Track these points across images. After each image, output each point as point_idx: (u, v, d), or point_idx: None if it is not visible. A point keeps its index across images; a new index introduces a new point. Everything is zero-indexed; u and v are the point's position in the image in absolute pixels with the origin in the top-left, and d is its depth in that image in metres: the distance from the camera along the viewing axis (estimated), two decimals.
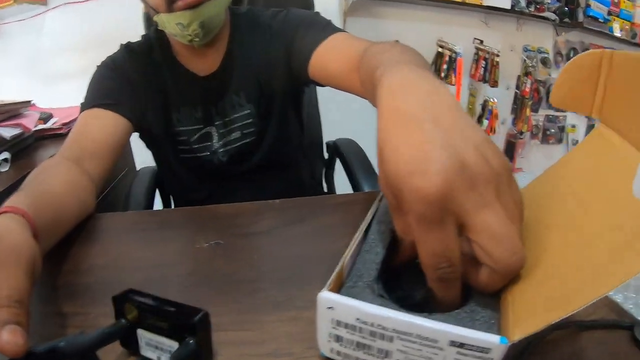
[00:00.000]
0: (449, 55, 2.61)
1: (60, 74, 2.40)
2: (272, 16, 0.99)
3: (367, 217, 0.44)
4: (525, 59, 2.87)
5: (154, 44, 0.99)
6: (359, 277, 0.36)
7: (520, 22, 2.84)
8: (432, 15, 2.64)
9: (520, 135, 2.95)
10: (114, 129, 0.89)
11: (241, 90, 0.98)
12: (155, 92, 0.97)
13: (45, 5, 2.33)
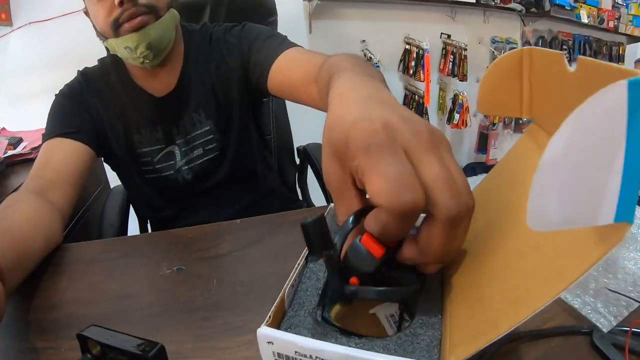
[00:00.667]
0: (416, 52, 2.64)
1: (28, 94, 2.37)
2: (227, 30, 1.00)
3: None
4: (494, 51, 2.92)
5: (110, 68, 1.00)
6: (300, 306, 0.37)
7: (486, 15, 2.89)
8: (398, 13, 2.67)
9: (492, 127, 3.00)
10: (76, 158, 0.89)
11: (200, 108, 0.99)
12: (114, 115, 0.98)
13: (10, 26, 2.30)
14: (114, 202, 1.24)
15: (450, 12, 2.78)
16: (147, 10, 0.85)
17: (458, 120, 2.77)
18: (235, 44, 0.98)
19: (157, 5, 0.87)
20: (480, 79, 0.43)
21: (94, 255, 0.71)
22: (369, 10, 2.59)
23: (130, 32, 0.84)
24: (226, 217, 0.76)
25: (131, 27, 0.84)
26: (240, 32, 0.99)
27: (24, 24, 2.31)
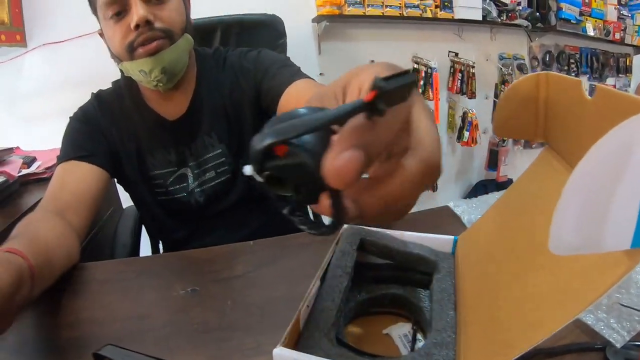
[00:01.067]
0: (425, 71, 2.65)
1: (41, 115, 2.40)
2: (242, 55, 1.01)
3: (323, 263, 0.45)
4: (502, 67, 2.93)
5: (123, 91, 1.01)
6: (315, 327, 0.37)
7: (493, 32, 2.90)
8: (406, 33, 2.69)
9: (502, 143, 2.99)
10: (91, 180, 0.90)
11: (212, 131, 1.00)
12: (127, 138, 0.99)
13: (25, 47, 2.34)
14: (127, 223, 1.26)
15: (458, 31, 2.80)
16: (162, 35, 0.86)
17: (468, 138, 2.77)
18: (250, 69, 0.98)
19: (172, 30, 0.88)
20: (498, 103, 0.44)
21: (108, 275, 0.72)
22: (377, 30, 2.62)
23: (145, 56, 0.85)
24: (239, 239, 0.76)
25: (146, 51, 0.85)
26: (256, 57, 1.00)
27: (38, 45, 2.35)
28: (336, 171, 0.24)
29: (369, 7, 2.44)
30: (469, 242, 0.45)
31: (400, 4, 2.51)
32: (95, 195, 0.90)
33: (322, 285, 0.42)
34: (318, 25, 2.47)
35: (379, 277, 0.47)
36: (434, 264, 0.44)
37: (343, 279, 0.42)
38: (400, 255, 0.46)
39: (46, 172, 1.46)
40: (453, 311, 0.38)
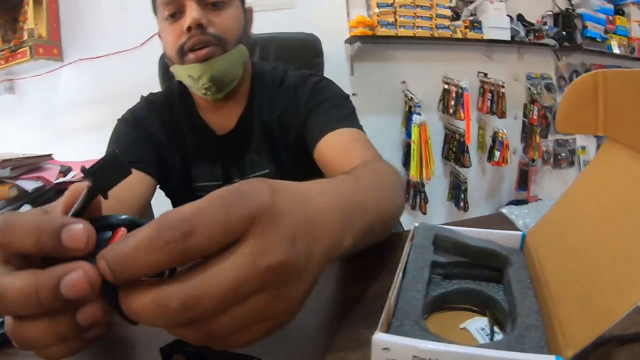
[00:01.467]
0: (455, 91, 2.65)
1: (75, 128, 2.43)
2: (301, 78, 0.98)
3: (402, 257, 0.44)
4: (530, 87, 2.92)
5: (175, 97, 0.98)
6: (404, 316, 0.36)
7: (521, 52, 2.91)
8: (436, 54, 2.71)
9: (532, 163, 2.97)
10: (138, 187, 0.87)
11: (261, 150, 0.97)
12: (174, 146, 0.97)
13: (61, 62, 2.37)
14: None
15: (486, 51, 2.80)
16: (214, 41, 0.84)
17: (499, 158, 2.74)
18: (304, 97, 0.95)
19: (225, 38, 0.85)
20: (561, 101, 0.47)
21: None
22: (408, 51, 2.63)
23: (194, 62, 0.83)
24: None
25: (196, 57, 0.83)
26: (314, 86, 0.96)
27: (75, 60, 2.39)
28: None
29: (400, 28, 2.47)
30: (539, 235, 0.46)
31: (431, 25, 2.53)
32: (141, 203, 0.87)
33: (404, 278, 0.42)
34: (351, 47, 2.49)
35: (449, 274, 0.46)
36: (505, 259, 0.44)
37: (424, 271, 0.42)
38: (472, 251, 0.46)
39: (83, 181, 1.43)
40: (534, 298, 0.38)
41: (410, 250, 0.46)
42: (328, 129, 0.87)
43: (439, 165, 2.82)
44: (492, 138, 2.83)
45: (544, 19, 3.01)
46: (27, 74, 2.45)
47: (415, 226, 0.49)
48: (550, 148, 3.10)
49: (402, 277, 0.42)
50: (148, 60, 1.92)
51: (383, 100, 2.58)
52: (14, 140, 2.41)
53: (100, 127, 2.16)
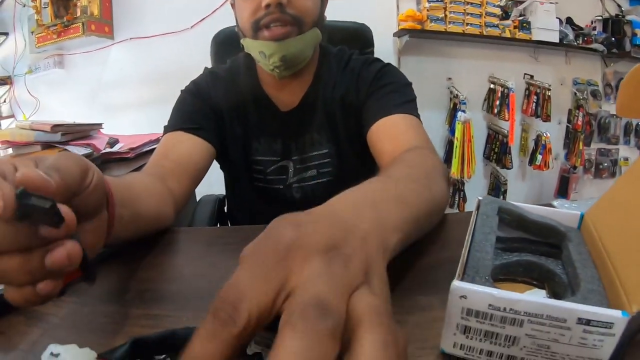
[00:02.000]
0: (501, 91, 2.62)
1: (121, 105, 2.47)
2: (365, 62, 0.97)
3: (470, 223, 0.46)
4: (576, 92, 2.86)
5: (240, 70, 0.98)
6: (475, 273, 0.37)
7: (568, 56, 2.85)
8: (483, 52, 2.68)
9: (573, 170, 2.92)
10: (196, 153, 0.88)
11: (322, 129, 0.97)
12: (236, 119, 0.97)
13: (112, 39, 2.40)
14: (205, 211, 1.24)
15: (534, 53, 2.76)
16: (291, 21, 0.83)
17: (540, 162, 2.70)
18: (367, 80, 0.94)
19: (303, 19, 0.85)
20: (620, 86, 0.48)
21: (209, 239, 0.69)
22: (455, 48, 2.61)
23: (268, 40, 0.83)
24: None
25: (271, 35, 0.82)
26: (378, 70, 0.95)
27: (125, 38, 2.42)
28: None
29: (450, 24, 2.45)
30: (598, 213, 0.46)
31: (480, 22, 2.51)
32: (199, 167, 0.87)
33: (472, 241, 0.43)
34: (399, 40, 2.48)
35: (508, 248, 0.47)
36: (564, 235, 0.45)
37: (491, 236, 0.44)
38: (533, 225, 0.47)
39: (130, 152, 1.44)
40: (595, 269, 0.39)
41: (477, 217, 0.47)
42: (383, 113, 0.87)
43: (479, 164, 2.78)
44: (535, 141, 2.79)
45: (593, 24, 2.95)
46: (77, 49, 2.50)
47: (480, 199, 0.51)
48: (593, 157, 3.04)
49: (471, 240, 0.43)
50: (197, 43, 1.95)
51: (428, 95, 2.55)
52: (61, 113, 2.46)
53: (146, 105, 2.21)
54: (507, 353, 0.34)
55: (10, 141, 1.23)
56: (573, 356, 0.32)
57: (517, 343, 0.33)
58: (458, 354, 0.36)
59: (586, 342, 0.31)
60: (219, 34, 1.35)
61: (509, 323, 0.33)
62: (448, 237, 0.60)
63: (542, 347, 0.33)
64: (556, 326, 0.31)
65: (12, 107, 2.76)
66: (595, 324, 0.30)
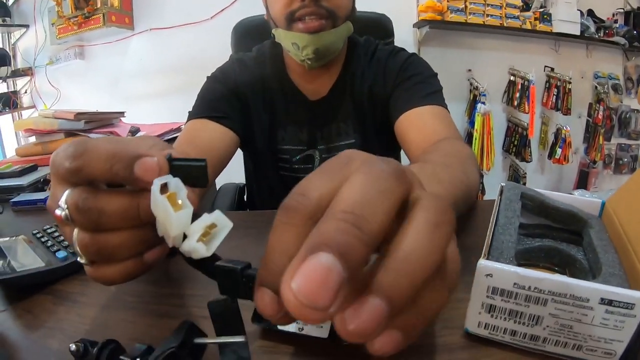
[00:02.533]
0: (521, 83, 2.59)
1: (141, 95, 2.50)
2: (392, 53, 0.97)
3: (494, 207, 0.46)
4: (597, 86, 2.82)
5: (267, 59, 0.98)
6: (499, 254, 0.38)
7: (589, 49, 2.81)
8: (503, 43, 2.64)
9: (593, 165, 2.88)
10: (220, 141, 0.88)
11: (349, 119, 0.97)
12: (262, 107, 0.97)
13: (132, 30, 2.43)
14: (225, 199, 1.25)
15: (554, 45, 2.72)
16: (326, 15, 0.82)
17: (560, 155, 2.67)
18: (393, 70, 0.93)
19: (337, 13, 0.84)
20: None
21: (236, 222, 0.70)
22: (475, 39, 2.59)
23: (303, 32, 0.83)
24: None
25: (306, 28, 0.82)
26: (404, 61, 0.94)
27: (145, 29, 2.44)
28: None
29: (470, 15, 2.43)
30: (620, 201, 0.46)
31: (501, 14, 2.48)
32: (223, 156, 0.87)
33: (496, 224, 0.43)
34: (419, 31, 2.46)
35: (530, 234, 0.48)
36: (586, 222, 0.45)
37: (514, 220, 0.44)
38: (554, 211, 0.48)
39: None
40: (616, 254, 0.39)
41: (501, 202, 0.48)
42: (411, 104, 0.86)
43: (498, 157, 2.76)
44: (555, 135, 2.76)
45: (615, 17, 2.89)
46: (97, 40, 2.52)
47: (503, 185, 0.51)
48: (613, 152, 2.99)
49: (495, 224, 0.43)
50: (217, 33, 1.95)
51: (448, 87, 2.46)
52: (82, 104, 2.49)
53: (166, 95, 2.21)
54: (530, 332, 0.35)
55: (34, 129, 1.24)
56: (595, 337, 0.33)
57: (541, 322, 0.34)
58: (482, 333, 0.36)
59: (608, 323, 0.32)
60: (239, 25, 1.35)
61: (533, 302, 0.33)
62: (470, 223, 0.61)
63: (564, 327, 0.33)
64: (579, 306, 0.32)
65: (33, 98, 2.81)
66: (617, 305, 0.31)
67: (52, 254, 0.55)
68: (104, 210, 0.32)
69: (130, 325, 0.43)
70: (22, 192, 0.92)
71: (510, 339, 0.36)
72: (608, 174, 3.00)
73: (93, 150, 0.32)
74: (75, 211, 0.32)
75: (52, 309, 0.47)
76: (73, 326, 0.43)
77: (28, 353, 0.40)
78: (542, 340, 0.35)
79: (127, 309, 0.45)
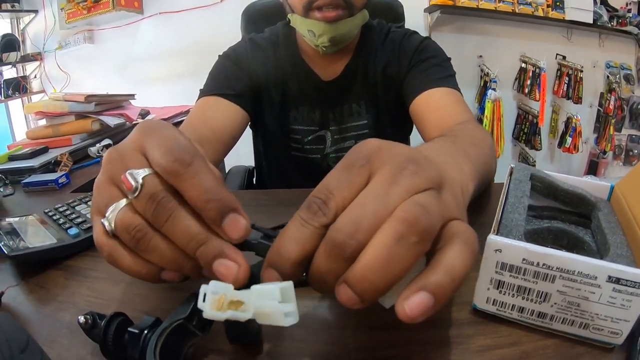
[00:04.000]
0: (532, 71, 2.57)
1: (150, 79, 2.50)
2: (405, 35, 0.97)
3: (504, 187, 0.47)
4: (609, 76, 2.78)
5: (280, 40, 0.98)
6: (508, 232, 0.38)
7: (602, 38, 2.77)
8: (515, 30, 2.61)
9: (603, 155, 2.85)
10: (231, 119, 0.88)
11: (361, 100, 0.97)
12: (275, 88, 0.97)
13: (141, 14, 2.42)
14: (234, 182, 1.26)
15: (566, 33, 2.68)
16: (344, 5, 0.82)
17: (570, 144, 2.65)
18: (408, 52, 0.94)
19: (354, 3, 0.84)
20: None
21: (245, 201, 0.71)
22: (487, 25, 2.56)
23: (320, 20, 0.82)
24: None
25: (323, 17, 0.82)
26: (419, 43, 0.95)
27: (154, 13, 2.44)
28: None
29: (482, 1, 2.40)
30: (629, 185, 0.46)
31: (513, 0, 2.44)
32: (234, 135, 0.89)
33: (505, 203, 0.43)
34: (430, 16, 2.44)
35: (538, 215, 0.48)
36: (594, 204, 0.45)
37: (524, 199, 0.44)
38: (564, 193, 0.48)
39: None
40: (624, 236, 0.40)
41: (510, 182, 0.48)
42: (427, 86, 0.86)
43: (508, 144, 2.75)
44: (565, 124, 2.73)
45: (629, 6, 2.84)
46: (106, 25, 2.53)
47: (512, 166, 0.51)
48: (623, 143, 2.96)
49: (504, 202, 0.44)
50: (226, 17, 1.95)
51: (458, 72, 2.44)
52: (91, 88, 2.49)
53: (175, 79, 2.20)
54: (538, 309, 0.35)
55: (45, 112, 1.25)
56: (602, 315, 0.33)
57: (548, 300, 0.34)
58: (490, 309, 0.37)
59: (615, 301, 0.32)
60: (248, 8, 1.34)
61: (541, 278, 0.33)
62: (480, 203, 0.61)
63: (572, 304, 0.33)
64: (587, 283, 0.32)
65: (42, 82, 2.82)
66: (624, 283, 0.31)
67: (64, 231, 0.56)
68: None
69: (141, 298, 0.43)
70: (34, 173, 0.94)
71: (518, 315, 0.36)
72: (618, 165, 2.97)
73: (197, 176, 0.31)
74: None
75: (64, 283, 0.47)
76: (84, 300, 0.44)
77: (40, 326, 0.41)
78: (549, 318, 0.35)
79: (137, 282, 0.45)
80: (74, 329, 0.37)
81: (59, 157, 1.01)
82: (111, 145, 1.18)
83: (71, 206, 0.64)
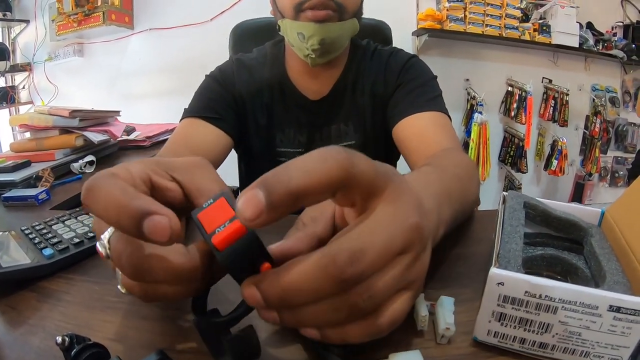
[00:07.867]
0: (519, 94, 2.60)
1: (139, 94, 2.49)
2: (393, 53, 0.97)
3: (498, 216, 0.47)
4: (594, 99, 2.83)
5: (267, 60, 0.97)
6: (507, 263, 0.38)
7: (588, 61, 2.82)
8: (502, 54, 2.66)
9: (589, 177, 2.88)
10: (214, 143, 0.87)
11: (350, 120, 0.96)
12: (260, 109, 0.96)
13: (132, 29, 2.43)
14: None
15: (553, 57, 2.73)
16: (334, 7, 0.81)
17: (556, 167, 2.68)
18: (394, 70, 0.93)
19: (346, 7, 0.83)
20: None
21: None
22: (474, 49, 2.60)
23: (310, 21, 0.81)
24: None
25: (314, 16, 0.81)
26: (406, 62, 0.94)
27: (145, 29, 2.44)
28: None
29: (469, 25, 2.44)
30: (619, 210, 0.47)
31: (500, 24, 2.50)
32: (216, 159, 0.87)
33: (502, 233, 0.43)
34: (418, 39, 2.47)
35: (531, 242, 0.48)
36: (587, 230, 0.46)
37: (520, 228, 0.44)
38: (556, 220, 0.48)
39: (146, 141, 1.45)
40: (618, 262, 0.40)
41: (505, 210, 0.48)
42: (411, 110, 0.86)
43: (494, 167, 2.77)
44: (551, 146, 2.77)
45: (614, 30, 2.91)
46: (96, 38, 2.52)
47: (504, 194, 0.52)
48: (609, 164, 3.01)
49: (501, 232, 0.44)
50: (216, 35, 1.95)
51: (445, 95, 2.49)
52: (80, 101, 2.48)
53: (163, 95, 2.20)
54: (539, 340, 0.35)
55: (29, 125, 1.23)
56: (602, 343, 0.33)
57: (550, 330, 0.34)
58: (491, 341, 0.36)
59: (615, 329, 0.32)
60: (237, 27, 1.35)
61: (543, 310, 0.33)
62: (467, 234, 0.61)
63: (573, 334, 0.33)
64: (588, 313, 0.32)
65: (30, 93, 2.80)
66: (624, 311, 0.31)
67: (39, 251, 0.54)
68: (150, 271, 0.31)
69: (111, 326, 0.42)
70: (15, 187, 0.92)
71: (519, 346, 0.36)
72: (604, 187, 3.01)
73: (100, 193, 0.30)
74: (119, 262, 0.31)
75: (36, 306, 0.46)
76: (55, 324, 0.43)
77: (9, 349, 0.39)
78: (550, 348, 0.35)
79: (109, 309, 0.44)
80: (44, 354, 0.36)
81: (40, 172, 0.99)
82: (94, 162, 1.17)
83: (49, 225, 0.62)
